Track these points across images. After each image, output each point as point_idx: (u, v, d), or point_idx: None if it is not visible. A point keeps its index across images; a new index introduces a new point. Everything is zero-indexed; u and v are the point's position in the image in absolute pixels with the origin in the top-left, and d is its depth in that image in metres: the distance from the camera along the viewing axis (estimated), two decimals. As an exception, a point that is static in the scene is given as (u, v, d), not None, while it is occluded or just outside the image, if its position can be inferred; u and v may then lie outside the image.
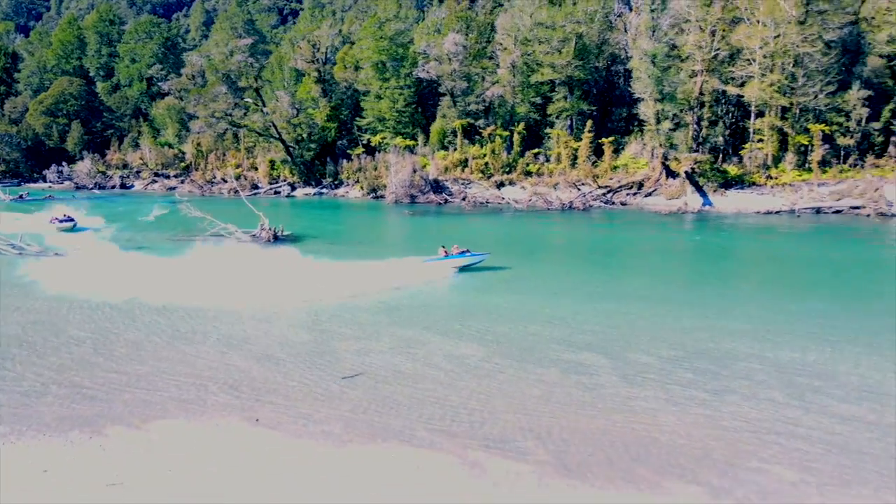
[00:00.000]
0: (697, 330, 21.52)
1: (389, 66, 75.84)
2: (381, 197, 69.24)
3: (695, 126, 66.00)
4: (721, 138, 66.68)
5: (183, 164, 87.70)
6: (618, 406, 15.59)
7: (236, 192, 73.64)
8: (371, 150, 76.33)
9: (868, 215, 53.10)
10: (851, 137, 58.73)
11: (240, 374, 17.91)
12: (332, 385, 17.13)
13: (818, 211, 55.77)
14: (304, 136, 76.68)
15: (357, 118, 78.86)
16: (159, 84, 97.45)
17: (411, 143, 74.53)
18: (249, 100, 77.15)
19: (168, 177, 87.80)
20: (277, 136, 75.79)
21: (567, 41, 68.38)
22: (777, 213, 56.19)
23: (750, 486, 11.97)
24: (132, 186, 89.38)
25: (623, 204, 62.79)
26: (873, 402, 15.57)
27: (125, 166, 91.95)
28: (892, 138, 59.01)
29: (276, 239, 41.84)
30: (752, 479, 12.19)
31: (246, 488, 11.90)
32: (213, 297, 25.02)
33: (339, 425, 14.68)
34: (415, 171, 67.33)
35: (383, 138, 76.22)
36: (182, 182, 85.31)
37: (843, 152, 59.40)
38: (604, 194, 63.94)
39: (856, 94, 57.32)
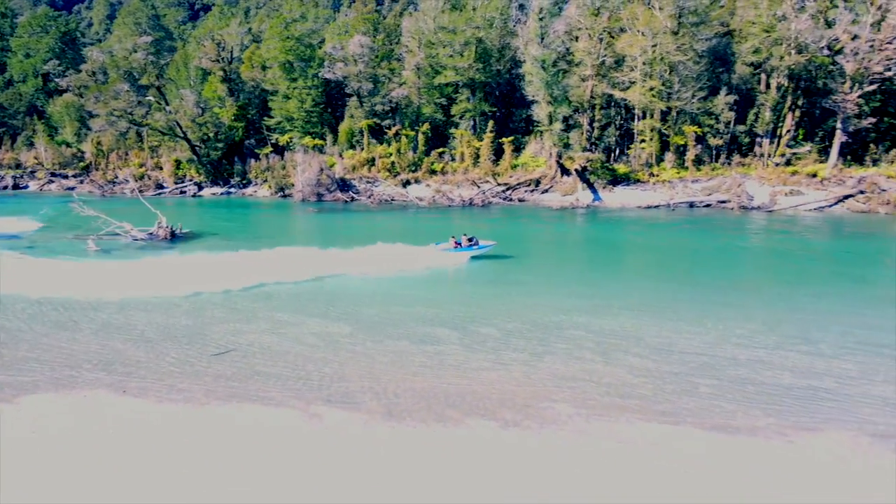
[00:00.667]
0: (541, 306, 24.56)
1: (297, 66, 76.60)
2: (290, 196, 70.17)
3: (588, 127, 70.74)
4: (613, 139, 71.76)
5: (82, 163, 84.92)
6: (451, 368, 18.17)
7: (140, 192, 72.54)
8: (280, 150, 76.88)
9: (732, 209, 59.08)
10: (721, 138, 64.84)
11: (114, 354, 19.30)
12: (202, 361, 18.84)
13: (691, 205, 61.34)
14: (211, 135, 76.29)
15: (265, 117, 79.14)
16: (56, 80, 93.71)
17: (320, 142, 75.67)
18: (152, 98, 75.95)
19: (66, 177, 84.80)
20: (182, 135, 75.07)
21: (468, 45, 71.52)
22: (656, 207, 61.38)
23: (535, 418, 14.76)
24: (26, 187, 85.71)
25: (521, 200, 66.53)
26: (659, 357, 18.89)
27: (18, 166, 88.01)
28: (757, 139, 65.63)
29: (174, 237, 42.38)
30: (539, 413, 15.00)
31: (104, 442, 13.55)
32: (96, 289, 25.96)
33: (201, 392, 16.49)
34: (322, 171, 68.66)
35: (292, 138, 76.94)
36: (81, 182, 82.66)
37: (714, 152, 65.51)
38: (503, 191, 67.52)
39: (723, 99, 63.31)
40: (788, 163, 62.59)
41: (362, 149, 73.58)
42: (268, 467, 12.55)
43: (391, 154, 71.32)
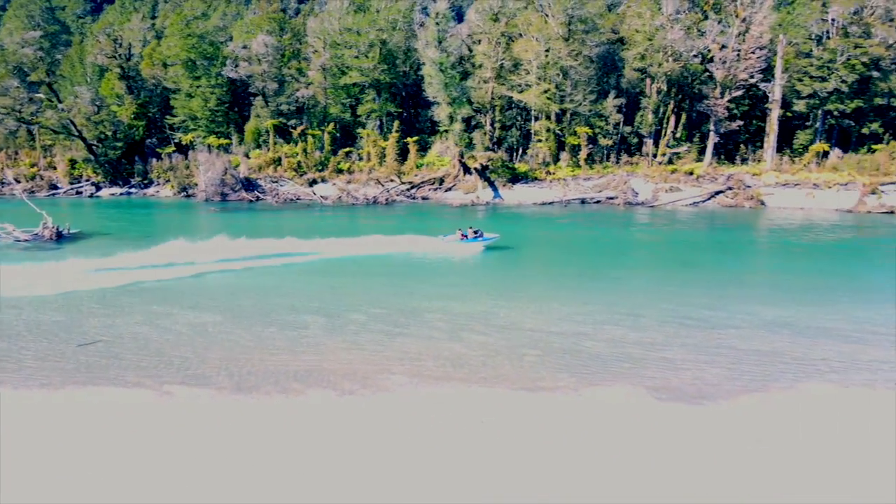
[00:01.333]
0: (409, 294, 26.55)
1: (200, 64, 75.69)
2: (193, 196, 69.37)
3: (489, 127, 73.87)
4: (515, 139, 75.10)
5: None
6: (309, 348, 19.78)
7: (32, 192, 69.75)
8: (183, 149, 75.62)
9: (619, 204, 63.47)
10: (610, 139, 69.37)
11: (-24, 349, 19.69)
12: (67, 351, 19.57)
13: (583, 201, 65.36)
14: (109, 134, 74.13)
15: (168, 116, 77.69)
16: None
17: (225, 141, 75.11)
18: (43, 95, 73.02)
19: (-51, 177, 79.88)
20: (77, 133, 72.57)
21: (373, 47, 72.97)
22: (550, 203, 65.02)
23: (371, 387, 16.61)
24: None
25: (424, 198, 68.66)
26: (500, 334, 21.22)
27: None
28: (644, 139, 70.56)
29: (61, 237, 41.65)
30: (375, 383, 16.87)
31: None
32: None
33: (59, 378, 17.34)
34: (226, 170, 68.28)
35: (196, 137, 75.95)
36: (-34, 183, 78.17)
37: (605, 151, 69.96)
38: (407, 190, 69.44)
39: (612, 102, 67.79)
40: (670, 161, 67.76)
41: (268, 149, 73.60)
42: (116, 438, 13.74)
43: (297, 154, 71.76)
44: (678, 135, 69.34)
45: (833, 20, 60.51)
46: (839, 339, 20.65)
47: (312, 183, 71.46)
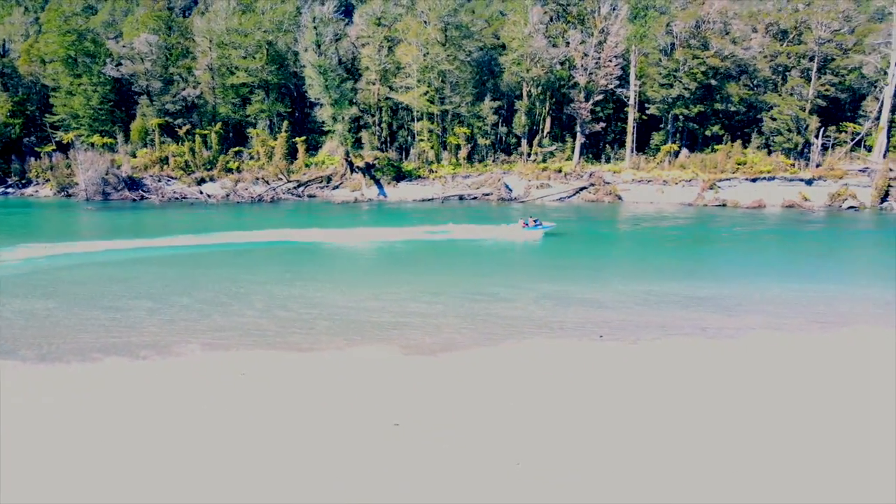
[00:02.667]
0: (243, 280, 29.16)
1: (81, 61, 74.56)
2: (73, 195, 68.57)
3: (377, 127, 76.90)
4: (405, 139, 78.36)
5: None
6: (124, 328, 22.10)
7: None
8: (65, 148, 74.23)
9: (493, 200, 68.01)
10: (489, 138, 73.84)
11: None
12: None
13: (461, 198, 69.49)
14: (-18, 132, 71.92)
15: (47, 114, 76.00)
16: None
17: (110, 140, 74.34)
18: None
19: None
20: (-54, 131, 70.04)
21: (260, 48, 74.34)
22: (430, 200, 68.76)
23: (165, 354, 19.25)
24: None
25: (311, 196, 70.84)
26: (305, 310, 24.27)
27: None
28: (521, 139, 75.55)
29: (-84, 236, 41.37)
30: (171, 350, 19.52)
31: None
32: None
33: None
34: (108, 170, 67.95)
35: (78, 135, 74.72)
36: None
37: (485, 150, 74.38)
38: (295, 188, 71.40)
39: (489, 104, 72.25)
40: (544, 160, 73.04)
41: (155, 148, 73.54)
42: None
43: (184, 153, 72.19)
44: (551, 135, 74.79)
45: (676, 34, 67.26)
46: (587, 305, 25.02)
47: (201, 182, 72.09)
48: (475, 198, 69.32)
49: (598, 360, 18.95)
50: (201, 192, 70.16)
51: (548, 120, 75.70)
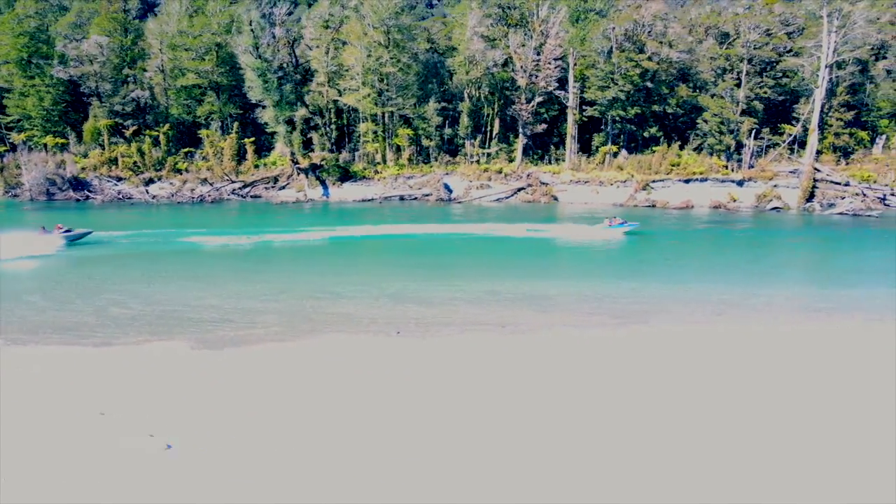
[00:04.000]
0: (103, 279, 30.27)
1: (35, 63, 75.78)
2: (18, 195, 69.81)
3: (327, 129, 77.93)
4: (355, 141, 79.34)
5: None
6: None
7: None
8: (17, 149, 75.43)
9: (433, 200, 68.97)
10: (433, 140, 74.84)
11: None
12: None
13: (402, 198, 70.49)
14: (-68, 133, 73.16)
15: (1, 115, 77.23)
16: None
17: (62, 141, 75.58)
18: None
19: None
20: None
21: (210, 50, 75.45)
22: (370, 200, 69.79)
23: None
24: None
25: (255, 197, 71.90)
26: (142, 306, 25.31)
27: None
28: (465, 140, 76.48)
29: None
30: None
31: None
32: None
33: None
34: (54, 170, 69.17)
35: (31, 136, 75.97)
36: None
37: (429, 151, 75.39)
38: (240, 188, 72.50)
39: (432, 105, 73.24)
40: (487, 161, 74.04)
41: (105, 148, 74.72)
42: None
43: (132, 154, 73.34)
44: (498, 137, 75.74)
45: (613, 37, 68.11)
46: (419, 303, 26.04)
47: (149, 182, 73.26)
48: (415, 198, 70.30)
49: (383, 356, 19.94)
50: (147, 193, 71.30)
51: (496, 121, 76.70)
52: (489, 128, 77.04)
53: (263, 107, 71.99)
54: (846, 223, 55.96)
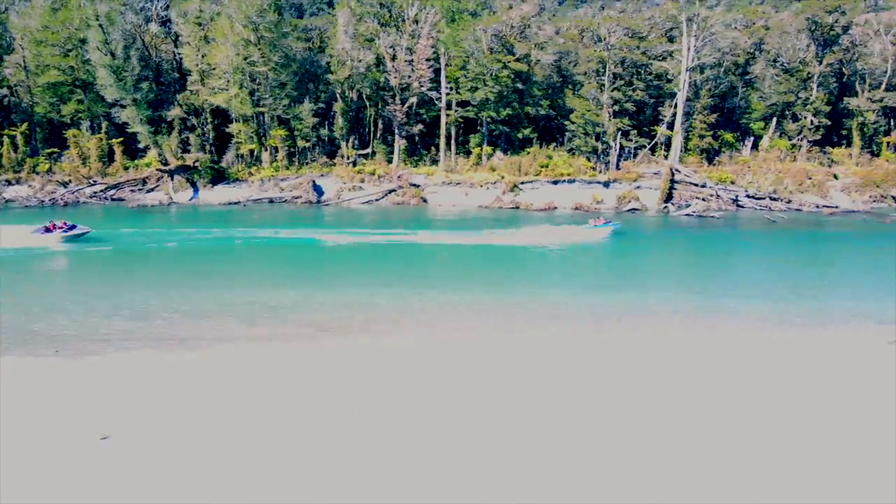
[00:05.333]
0: None
1: None
2: None
3: (203, 129, 75.47)
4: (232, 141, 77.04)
5: None
6: None
7: None
8: None
9: (302, 203, 67.43)
10: (309, 141, 73.21)
11: None
12: None
13: (272, 200, 68.66)
14: None
15: None
16: None
17: (-84, 141, 71.08)
18: None
19: None
20: None
21: (74, 46, 72.08)
22: (235, 203, 67.74)
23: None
24: None
25: (118, 199, 68.77)
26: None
27: None
28: (341, 141, 75.10)
29: None
30: None
31: None
32: None
33: None
34: None
35: None
36: None
37: (306, 153, 73.76)
38: (104, 190, 69.43)
39: (308, 105, 71.58)
40: (365, 161, 72.94)
41: (-41, 148, 70.60)
42: None
43: (-15, 154, 69.48)
44: (379, 138, 74.72)
45: (485, 39, 67.85)
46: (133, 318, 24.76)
47: (7, 184, 69.52)
48: (285, 201, 68.61)
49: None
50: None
51: (378, 122, 75.71)
52: (371, 129, 76.02)
53: (123, 106, 69.01)
54: (691, 224, 57.13)
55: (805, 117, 71.89)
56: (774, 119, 74.85)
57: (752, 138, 74.74)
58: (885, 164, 69.46)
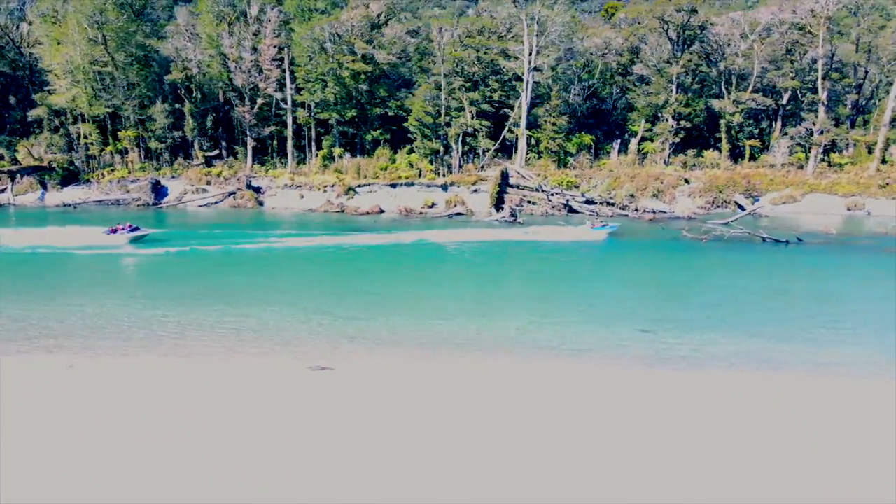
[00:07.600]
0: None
1: None
2: None
3: (64, 128, 74.81)
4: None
5: None
6: None
7: None
8: None
9: (142, 204, 66.34)
10: (164, 142, 72.11)
11: None
12: None
13: (118, 202, 67.64)
14: None
15: None
16: None
17: None
18: None
19: None
20: None
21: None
22: (71, 205, 66.66)
23: None
24: None
25: (-42, 201, 68.11)
26: None
27: None
28: (195, 142, 74.04)
29: None
30: None
31: None
32: None
33: None
34: None
35: None
36: None
37: (160, 154, 72.73)
38: (-55, 191, 68.90)
39: (160, 106, 70.56)
40: (219, 162, 71.87)
41: None
42: None
43: None
44: (227, 139, 73.58)
45: (328, 37, 66.45)
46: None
47: None
48: (128, 203, 67.62)
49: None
50: None
51: (234, 124, 74.49)
52: (222, 130, 74.64)
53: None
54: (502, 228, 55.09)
55: (666, 120, 69.58)
56: (643, 121, 72.52)
57: (618, 141, 72.59)
58: (743, 168, 67.15)
